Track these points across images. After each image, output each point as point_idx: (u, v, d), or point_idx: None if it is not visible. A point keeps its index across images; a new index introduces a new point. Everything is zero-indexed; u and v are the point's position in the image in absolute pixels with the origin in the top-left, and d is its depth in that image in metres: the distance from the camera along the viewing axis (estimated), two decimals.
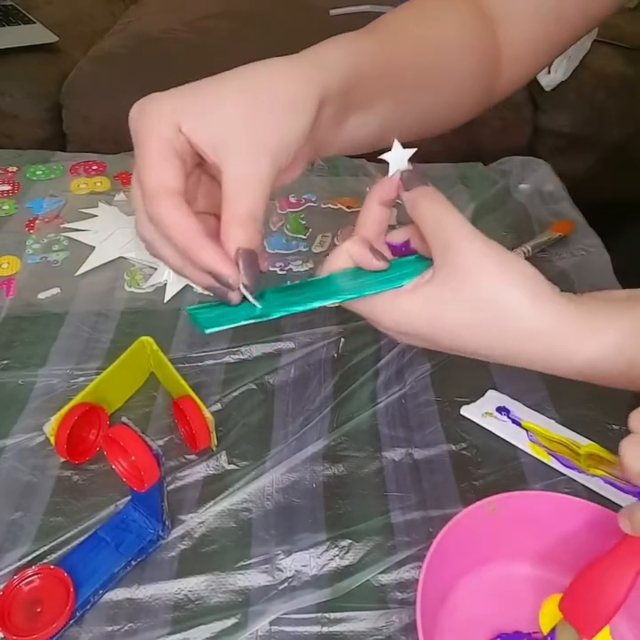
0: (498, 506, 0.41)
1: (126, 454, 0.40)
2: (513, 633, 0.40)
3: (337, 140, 0.43)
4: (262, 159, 0.35)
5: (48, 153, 0.85)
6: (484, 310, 0.34)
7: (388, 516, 0.46)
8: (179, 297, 0.63)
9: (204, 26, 1.40)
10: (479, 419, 0.52)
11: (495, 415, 0.52)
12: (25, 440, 0.50)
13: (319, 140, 0.40)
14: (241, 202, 0.35)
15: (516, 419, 0.52)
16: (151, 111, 0.35)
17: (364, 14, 1.40)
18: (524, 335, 0.34)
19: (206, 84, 0.37)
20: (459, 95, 0.51)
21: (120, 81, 1.25)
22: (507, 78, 0.53)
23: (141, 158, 0.35)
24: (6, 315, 0.61)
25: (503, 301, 0.34)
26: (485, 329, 0.35)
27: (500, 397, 0.54)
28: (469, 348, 0.36)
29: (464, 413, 0.52)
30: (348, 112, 0.42)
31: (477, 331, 0.35)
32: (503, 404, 0.53)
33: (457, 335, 0.36)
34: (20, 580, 0.40)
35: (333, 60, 0.39)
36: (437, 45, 0.48)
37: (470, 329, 0.35)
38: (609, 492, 0.47)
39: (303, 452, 0.50)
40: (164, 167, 0.35)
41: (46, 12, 1.40)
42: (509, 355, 0.36)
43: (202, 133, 0.35)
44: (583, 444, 0.50)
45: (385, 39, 0.46)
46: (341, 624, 0.40)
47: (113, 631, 0.40)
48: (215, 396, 0.54)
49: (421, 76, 0.48)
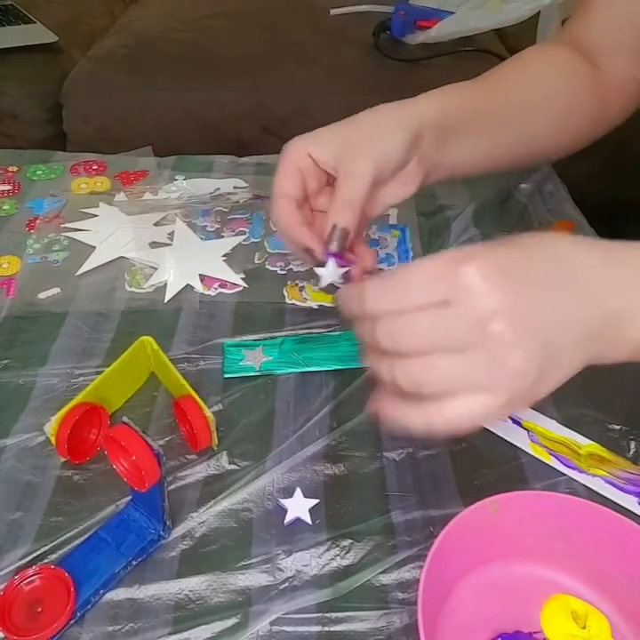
0: (499, 506, 0.41)
1: (127, 454, 0.40)
2: (514, 633, 0.40)
3: (441, 164, 0.53)
4: (364, 160, 0.47)
5: (48, 153, 0.85)
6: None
7: (389, 516, 0.46)
8: (179, 297, 0.63)
9: (204, 26, 1.40)
10: None
11: None
12: (25, 440, 0.50)
13: (427, 163, 0.51)
14: (341, 190, 0.47)
15: (517, 418, 0.52)
16: (290, 143, 0.50)
17: (363, 14, 1.40)
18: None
19: (327, 127, 0.50)
20: (557, 133, 0.60)
21: (120, 81, 1.25)
22: (616, 108, 0.61)
23: (277, 171, 0.50)
24: (6, 315, 0.61)
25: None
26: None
27: None
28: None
29: None
30: (446, 142, 0.52)
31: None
32: None
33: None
34: (20, 579, 0.40)
35: (427, 98, 0.52)
36: (533, 85, 0.58)
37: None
38: (609, 492, 0.47)
39: (304, 452, 0.50)
40: (288, 178, 0.49)
41: (46, 11, 1.40)
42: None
43: (322, 153, 0.49)
44: (584, 443, 0.50)
45: (482, 81, 0.57)
46: (342, 624, 0.40)
47: (114, 631, 0.40)
48: (216, 396, 0.54)
49: (514, 114, 0.57)
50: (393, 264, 0.66)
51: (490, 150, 0.56)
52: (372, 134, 0.49)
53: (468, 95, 0.56)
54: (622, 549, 0.40)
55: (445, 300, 0.34)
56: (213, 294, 0.64)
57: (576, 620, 0.40)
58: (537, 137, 0.59)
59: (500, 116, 0.56)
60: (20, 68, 1.25)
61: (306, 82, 1.21)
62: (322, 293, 0.63)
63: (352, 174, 0.47)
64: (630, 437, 0.51)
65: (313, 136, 0.50)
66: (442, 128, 0.51)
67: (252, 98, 1.23)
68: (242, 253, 0.68)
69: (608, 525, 0.41)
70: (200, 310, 0.62)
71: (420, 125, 0.49)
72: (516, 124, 0.57)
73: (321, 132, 0.50)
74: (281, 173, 0.50)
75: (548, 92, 0.58)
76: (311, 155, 0.49)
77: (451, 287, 0.33)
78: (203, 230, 0.71)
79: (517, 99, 0.57)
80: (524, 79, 0.59)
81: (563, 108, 0.59)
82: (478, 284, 0.33)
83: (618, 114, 0.62)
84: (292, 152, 0.50)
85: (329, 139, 0.49)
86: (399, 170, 0.50)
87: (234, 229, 0.71)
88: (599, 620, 0.40)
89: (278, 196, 0.49)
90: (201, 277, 0.65)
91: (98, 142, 1.19)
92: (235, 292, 0.64)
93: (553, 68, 0.60)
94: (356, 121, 0.50)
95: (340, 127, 0.50)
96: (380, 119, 0.50)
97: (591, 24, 0.60)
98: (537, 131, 0.58)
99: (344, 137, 0.49)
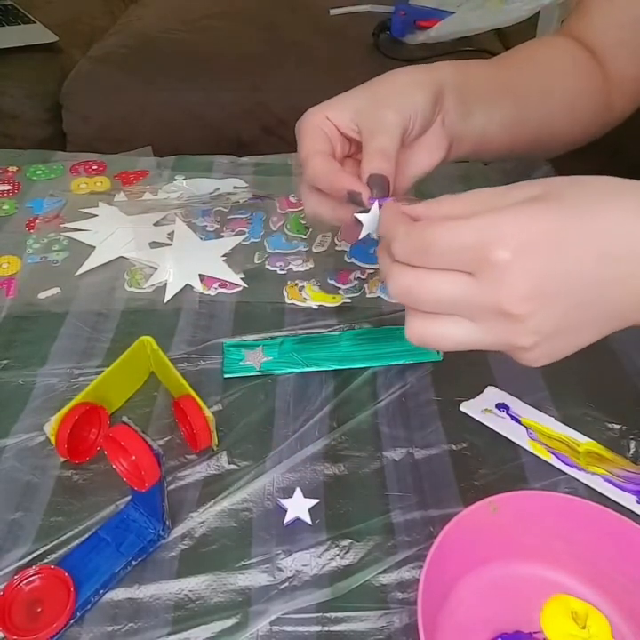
0: (498, 505, 0.41)
1: (127, 454, 0.40)
2: (514, 633, 0.40)
3: (467, 136, 0.51)
4: (390, 112, 0.45)
5: (48, 153, 0.85)
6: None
7: (389, 516, 0.46)
8: (179, 297, 0.63)
9: (204, 26, 1.40)
10: (478, 415, 0.52)
11: (494, 412, 0.52)
12: (25, 440, 0.50)
13: (450, 129, 0.50)
14: (370, 144, 0.45)
15: (516, 415, 0.52)
16: (306, 114, 0.48)
17: (363, 14, 1.40)
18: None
19: (343, 93, 0.48)
20: (570, 119, 0.59)
21: (120, 81, 1.25)
22: (618, 105, 0.61)
23: (300, 142, 0.47)
24: (6, 315, 0.61)
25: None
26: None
27: (499, 394, 0.54)
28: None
29: (463, 409, 0.52)
30: (469, 110, 0.51)
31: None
32: (502, 401, 0.53)
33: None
34: (20, 579, 0.40)
35: (445, 65, 0.51)
36: (548, 69, 0.58)
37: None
38: (608, 491, 0.47)
39: (304, 452, 0.50)
40: (315, 139, 0.47)
41: (46, 11, 1.40)
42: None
43: (343, 118, 0.47)
44: (582, 441, 0.50)
45: (498, 61, 0.57)
46: (342, 624, 0.40)
47: (113, 631, 0.40)
48: (216, 396, 0.54)
49: (533, 92, 0.56)
50: None
51: (512, 126, 0.55)
52: (394, 90, 0.47)
53: (487, 69, 0.55)
54: (622, 549, 0.40)
55: (472, 271, 0.33)
56: (213, 294, 0.64)
57: (576, 620, 0.40)
58: (552, 121, 0.58)
59: (522, 92, 0.55)
60: (20, 68, 1.25)
61: (306, 82, 1.21)
62: (322, 293, 0.63)
63: (379, 128, 0.45)
64: (630, 437, 0.51)
65: (329, 103, 0.48)
66: (463, 94, 0.50)
67: (252, 98, 1.23)
68: (242, 253, 0.68)
69: (608, 525, 0.41)
70: (200, 310, 0.62)
71: (441, 87, 0.48)
72: (536, 103, 0.56)
73: (337, 99, 0.48)
74: (305, 138, 0.47)
75: (562, 77, 0.58)
76: (331, 120, 0.47)
77: (480, 263, 0.33)
78: (202, 230, 0.71)
79: (535, 80, 0.57)
80: (541, 62, 0.58)
81: (574, 95, 0.59)
82: (508, 270, 0.32)
83: (619, 112, 0.62)
84: (311, 120, 0.48)
85: (347, 102, 0.48)
86: (425, 129, 0.48)
87: (234, 229, 0.71)
88: (599, 620, 0.40)
89: (310, 157, 0.46)
90: (201, 277, 0.65)
91: (98, 142, 1.19)
92: (234, 291, 0.64)
93: (566, 55, 0.59)
94: (373, 83, 0.48)
95: (357, 91, 0.48)
96: (400, 78, 0.48)
97: (591, 22, 0.60)
98: (553, 114, 0.57)
99: (363, 98, 0.47)
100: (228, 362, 0.56)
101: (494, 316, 0.34)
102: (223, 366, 0.56)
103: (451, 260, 0.34)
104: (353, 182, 0.44)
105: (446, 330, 0.35)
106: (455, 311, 0.35)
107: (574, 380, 0.55)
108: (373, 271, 0.66)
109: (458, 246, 0.33)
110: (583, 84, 0.59)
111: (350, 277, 0.65)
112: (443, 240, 0.34)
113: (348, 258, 0.67)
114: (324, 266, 0.67)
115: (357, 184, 0.44)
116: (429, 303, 0.35)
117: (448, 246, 0.34)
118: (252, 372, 0.55)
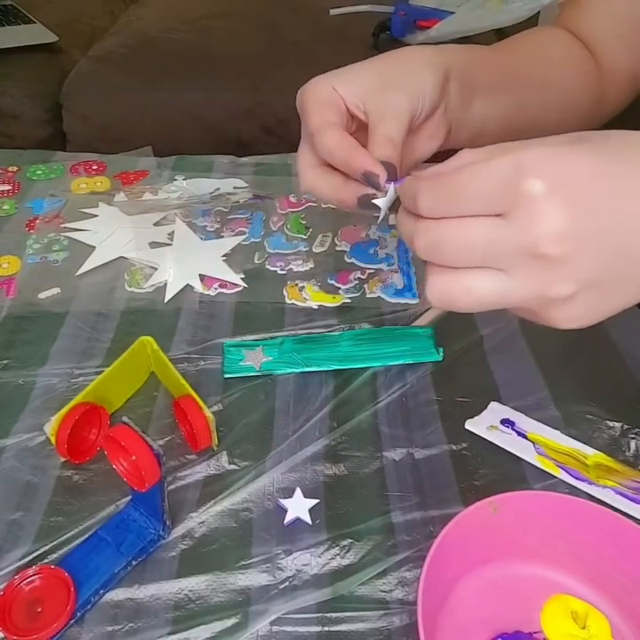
0: (498, 506, 0.41)
1: (127, 454, 0.40)
2: (514, 633, 0.40)
3: (468, 121, 0.50)
4: (400, 96, 0.43)
5: (48, 153, 0.85)
6: None
7: (389, 516, 0.46)
8: (179, 297, 0.63)
9: (203, 26, 1.40)
10: (484, 432, 0.51)
11: (500, 428, 0.51)
12: (25, 440, 0.50)
13: (451, 114, 0.48)
14: (378, 129, 0.42)
15: (521, 431, 0.51)
16: (310, 85, 0.45)
17: (363, 14, 1.40)
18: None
19: (352, 65, 0.46)
20: (563, 111, 0.58)
21: (120, 81, 1.25)
22: (611, 99, 0.61)
23: (307, 112, 0.44)
24: (6, 315, 0.61)
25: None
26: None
27: (502, 409, 0.53)
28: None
29: (469, 427, 0.51)
30: (471, 94, 0.50)
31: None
32: (507, 416, 0.52)
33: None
34: (20, 579, 0.40)
35: (451, 49, 0.49)
36: (547, 58, 0.58)
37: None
38: (621, 504, 0.46)
39: (304, 452, 0.50)
40: (326, 110, 0.43)
41: (46, 11, 1.40)
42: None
43: (351, 91, 0.44)
44: (590, 453, 0.49)
45: (500, 47, 0.57)
46: (342, 624, 0.40)
47: (114, 631, 0.40)
48: (216, 396, 0.54)
49: (533, 82, 0.55)
50: (392, 264, 0.66)
51: (513, 112, 0.53)
52: (405, 70, 0.45)
53: (490, 55, 0.54)
54: (622, 549, 0.40)
55: (503, 212, 0.31)
56: (213, 294, 0.64)
57: (576, 620, 0.40)
58: (548, 111, 0.56)
59: (523, 79, 0.55)
60: (20, 68, 1.25)
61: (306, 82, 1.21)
62: (322, 293, 0.63)
63: (389, 112, 0.43)
64: (631, 436, 0.51)
65: (337, 74, 0.45)
66: (466, 79, 0.49)
67: (252, 98, 1.23)
68: (242, 253, 0.68)
69: (608, 525, 0.40)
70: (200, 310, 0.62)
71: (448, 71, 0.46)
72: (537, 91, 0.55)
73: (346, 70, 0.45)
74: (314, 108, 0.44)
75: (560, 69, 0.58)
76: (338, 91, 0.44)
77: (512, 198, 0.30)
78: (203, 230, 0.71)
79: (535, 68, 0.56)
80: (540, 50, 0.58)
81: (569, 87, 0.58)
82: (543, 204, 0.30)
83: (612, 106, 0.61)
84: (319, 89, 0.44)
85: (357, 78, 0.45)
86: (431, 114, 0.46)
87: (234, 229, 0.71)
88: (599, 620, 0.40)
89: (323, 128, 0.43)
90: (201, 277, 0.65)
91: (98, 142, 1.20)
92: (234, 291, 0.64)
93: (562, 45, 0.59)
94: (383, 59, 0.46)
95: (366, 65, 0.45)
96: (411, 57, 0.46)
97: (586, 17, 0.60)
98: (549, 104, 0.56)
99: (373, 75, 0.45)
100: (228, 362, 0.56)
101: (528, 259, 0.31)
102: (223, 366, 0.56)
103: (480, 203, 0.31)
104: (372, 163, 0.41)
105: (473, 282, 0.32)
106: (485, 261, 0.32)
107: (575, 379, 0.55)
108: (373, 271, 0.66)
109: (487, 185, 0.31)
110: (578, 77, 0.58)
111: (350, 277, 0.65)
112: (470, 182, 0.31)
113: (348, 258, 0.67)
114: (324, 266, 0.67)
115: (377, 166, 0.41)
116: (458, 254, 0.32)
117: (476, 188, 0.31)
118: (252, 372, 0.56)
